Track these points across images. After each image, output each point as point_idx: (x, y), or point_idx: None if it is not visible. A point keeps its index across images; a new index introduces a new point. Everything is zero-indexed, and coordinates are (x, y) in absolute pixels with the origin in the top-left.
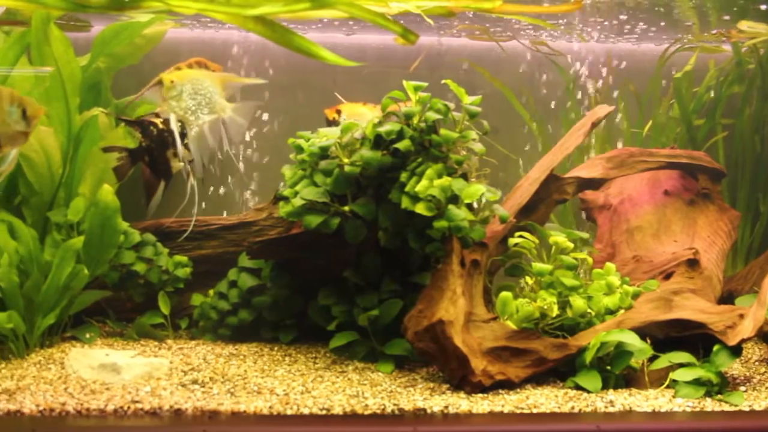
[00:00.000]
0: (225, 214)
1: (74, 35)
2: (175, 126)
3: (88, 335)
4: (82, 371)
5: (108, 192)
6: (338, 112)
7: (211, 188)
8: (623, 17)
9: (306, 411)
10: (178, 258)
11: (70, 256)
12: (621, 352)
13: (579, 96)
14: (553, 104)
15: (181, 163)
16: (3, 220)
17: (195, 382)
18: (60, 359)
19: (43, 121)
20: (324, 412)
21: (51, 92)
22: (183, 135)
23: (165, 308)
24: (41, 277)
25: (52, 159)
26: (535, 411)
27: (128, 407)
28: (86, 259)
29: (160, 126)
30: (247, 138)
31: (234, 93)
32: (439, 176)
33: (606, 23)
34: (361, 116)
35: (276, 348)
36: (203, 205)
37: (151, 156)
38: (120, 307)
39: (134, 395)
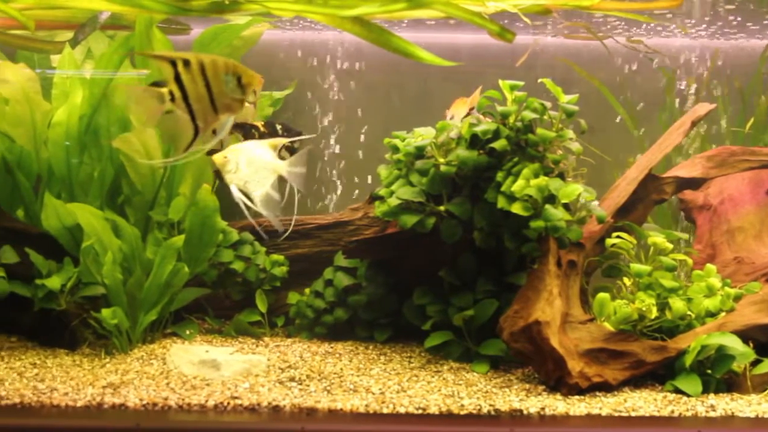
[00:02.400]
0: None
1: (174, 38)
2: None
3: (188, 332)
4: (183, 367)
5: (207, 192)
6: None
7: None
8: (722, 12)
9: (402, 410)
10: (275, 257)
11: (171, 254)
12: (722, 355)
13: (678, 94)
14: (645, 103)
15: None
16: (107, 219)
17: (292, 379)
18: (161, 355)
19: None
20: (420, 411)
21: None
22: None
23: (262, 306)
24: (143, 274)
25: (153, 159)
26: (633, 414)
27: (228, 403)
28: (186, 257)
29: (262, 129)
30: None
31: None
32: (536, 176)
33: (705, 19)
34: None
35: (371, 347)
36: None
37: None
38: (218, 304)
39: (233, 391)
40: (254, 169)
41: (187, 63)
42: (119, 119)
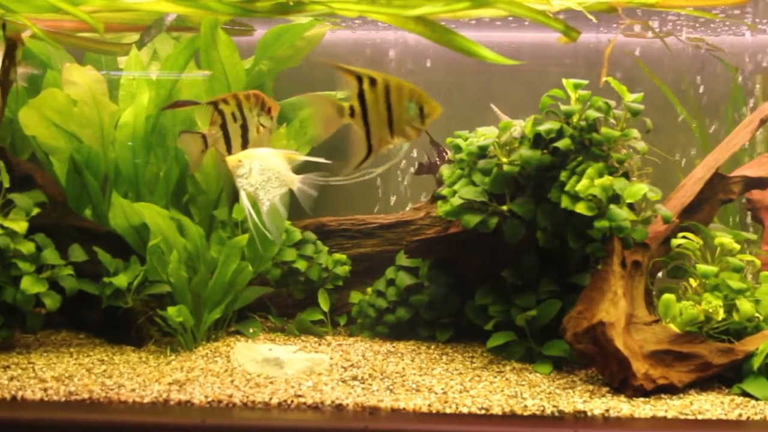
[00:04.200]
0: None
1: (237, 39)
2: None
3: (251, 330)
4: (246, 365)
5: None
6: None
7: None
8: None
9: (465, 410)
10: (338, 256)
11: (235, 253)
12: None
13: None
14: (712, 101)
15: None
16: (173, 218)
17: (355, 378)
18: (226, 353)
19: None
20: (483, 411)
21: (217, 94)
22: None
23: (324, 305)
24: (208, 273)
25: (216, 160)
26: (699, 417)
27: (291, 401)
28: (250, 256)
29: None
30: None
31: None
32: (600, 175)
33: None
34: None
35: (433, 346)
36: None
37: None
38: (281, 303)
39: (297, 389)
40: (266, 177)
41: (373, 82)
42: (184, 120)
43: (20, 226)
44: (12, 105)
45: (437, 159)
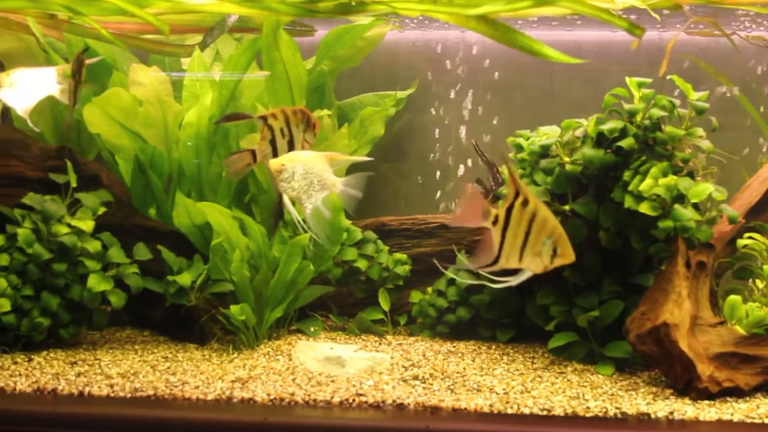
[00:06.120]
0: None
1: (298, 40)
2: None
3: (312, 329)
4: (308, 363)
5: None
6: None
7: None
8: None
9: (526, 411)
10: (398, 255)
11: (297, 252)
12: None
13: None
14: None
15: None
16: (235, 218)
17: (416, 377)
18: (287, 351)
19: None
20: (545, 412)
21: (279, 94)
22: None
23: (385, 304)
24: (270, 272)
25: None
26: (767, 421)
27: (353, 400)
28: (311, 256)
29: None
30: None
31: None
32: (664, 175)
33: None
34: None
35: (493, 346)
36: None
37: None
38: (342, 302)
39: (358, 388)
40: (308, 181)
41: (525, 203)
42: (246, 122)
43: (87, 224)
44: (80, 108)
45: (492, 183)
